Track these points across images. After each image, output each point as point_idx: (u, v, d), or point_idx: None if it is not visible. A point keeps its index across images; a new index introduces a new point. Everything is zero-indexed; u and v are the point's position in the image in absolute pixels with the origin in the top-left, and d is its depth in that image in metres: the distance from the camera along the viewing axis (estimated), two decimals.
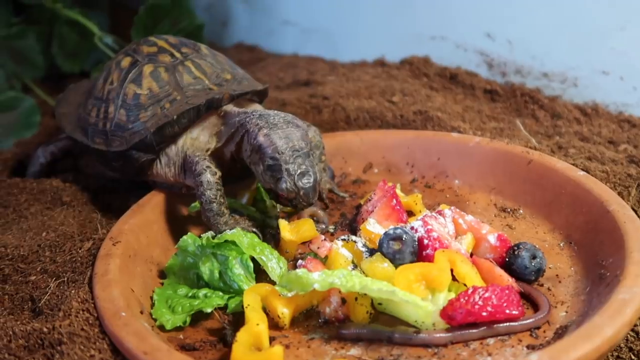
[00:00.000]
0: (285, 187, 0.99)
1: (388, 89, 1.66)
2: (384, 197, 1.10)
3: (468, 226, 1.02)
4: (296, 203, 1.01)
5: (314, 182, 1.00)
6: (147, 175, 1.18)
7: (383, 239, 0.96)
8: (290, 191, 0.99)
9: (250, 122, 1.06)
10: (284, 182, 0.99)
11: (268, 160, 1.00)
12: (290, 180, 0.99)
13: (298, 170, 0.99)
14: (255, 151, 1.03)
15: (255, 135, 1.03)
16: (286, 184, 0.99)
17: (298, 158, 1.00)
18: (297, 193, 0.99)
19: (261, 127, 1.03)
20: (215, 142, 1.14)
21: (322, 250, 1.01)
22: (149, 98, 1.13)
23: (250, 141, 1.04)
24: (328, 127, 1.51)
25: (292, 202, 1.01)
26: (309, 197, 1.00)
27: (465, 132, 1.41)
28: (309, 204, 1.01)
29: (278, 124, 1.04)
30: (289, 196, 1.00)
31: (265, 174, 1.01)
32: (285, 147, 1.00)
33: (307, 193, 1.00)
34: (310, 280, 0.86)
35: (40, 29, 1.84)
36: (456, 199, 1.22)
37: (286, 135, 1.02)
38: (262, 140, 1.02)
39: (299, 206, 1.02)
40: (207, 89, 1.14)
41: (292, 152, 1.00)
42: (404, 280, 0.88)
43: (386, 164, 1.33)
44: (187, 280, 1.02)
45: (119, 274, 0.96)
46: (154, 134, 1.10)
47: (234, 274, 0.98)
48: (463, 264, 0.91)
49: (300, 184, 0.99)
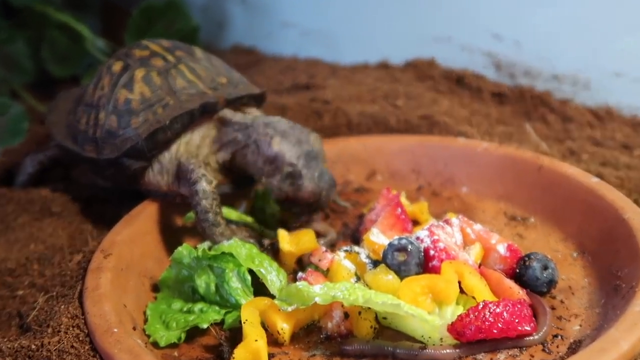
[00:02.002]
0: (309, 191, 1.04)
1: (392, 92, 1.66)
2: (388, 205, 1.10)
3: (476, 236, 1.02)
4: (317, 205, 1.06)
5: (331, 180, 1.06)
6: (139, 183, 1.18)
7: (387, 249, 0.96)
8: (315, 193, 1.04)
9: (257, 132, 1.08)
10: (306, 186, 1.03)
11: (287, 168, 1.04)
12: (312, 183, 1.04)
13: (316, 172, 1.05)
14: (270, 162, 1.06)
15: (269, 145, 1.06)
16: (310, 188, 1.03)
17: (312, 161, 1.06)
18: (319, 194, 1.05)
19: (272, 136, 1.07)
20: (210, 149, 1.14)
21: (324, 262, 1.01)
22: (140, 103, 1.13)
23: (262, 152, 1.07)
24: (329, 133, 1.51)
25: (311, 206, 1.05)
26: (330, 197, 1.05)
27: (472, 137, 1.41)
28: (328, 202, 1.06)
29: (286, 130, 1.08)
30: (311, 199, 1.04)
31: (284, 183, 1.05)
32: (300, 152, 1.05)
33: (329, 192, 1.05)
34: (311, 294, 0.86)
35: (30, 33, 1.85)
36: (464, 207, 1.22)
37: (297, 139, 1.06)
38: (277, 150, 1.06)
39: (320, 206, 1.06)
40: (202, 93, 1.14)
41: (307, 156, 1.05)
42: (409, 293, 0.88)
43: (390, 171, 1.33)
44: (182, 294, 1.02)
45: (111, 288, 0.96)
46: (146, 140, 1.10)
47: (231, 287, 0.97)
48: (471, 275, 0.91)
49: (322, 184, 1.04)
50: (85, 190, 1.33)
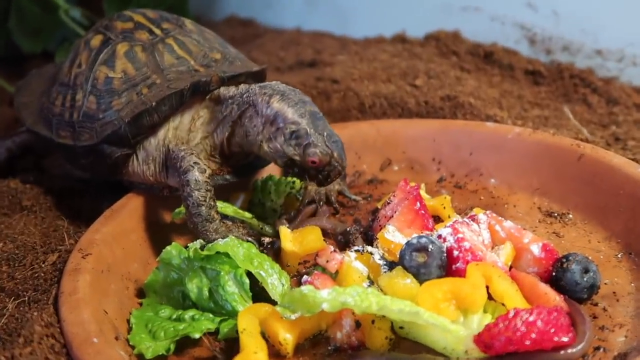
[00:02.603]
0: (318, 151, 1.02)
1: (410, 70, 1.65)
2: (405, 199, 1.10)
3: (507, 234, 1.01)
4: (330, 170, 1.04)
5: (341, 142, 1.05)
6: (122, 174, 1.18)
7: (405, 250, 0.95)
8: (324, 154, 1.03)
9: (253, 94, 1.09)
10: (314, 145, 1.02)
11: (290, 126, 1.04)
12: (321, 142, 1.03)
13: (324, 131, 1.04)
14: (271, 122, 1.06)
15: (267, 104, 1.06)
16: (318, 147, 1.02)
17: (318, 121, 1.05)
18: (331, 155, 1.03)
19: (271, 95, 1.07)
20: (204, 133, 1.14)
21: (332, 263, 1.01)
22: (123, 82, 1.13)
23: (261, 113, 1.07)
24: (338, 117, 1.51)
25: (322, 172, 1.04)
26: (343, 159, 1.04)
27: (502, 121, 1.40)
28: (343, 169, 1.05)
29: (285, 90, 1.08)
30: (321, 162, 1.03)
31: (289, 144, 1.04)
32: (303, 110, 1.05)
33: (341, 154, 1.04)
34: (318, 300, 0.85)
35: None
36: (492, 201, 1.22)
37: (299, 99, 1.07)
38: (277, 107, 1.06)
39: (332, 174, 1.05)
40: (193, 70, 1.15)
41: (312, 115, 1.05)
42: (430, 299, 0.88)
43: (408, 160, 1.32)
44: (171, 299, 1.02)
45: (90, 292, 0.96)
46: (130, 124, 1.11)
47: (226, 292, 0.98)
48: (501, 279, 0.91)
49: (332, 144, 1.03)
50: (60, 182, 1.34)
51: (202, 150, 1.15)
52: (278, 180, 1.23)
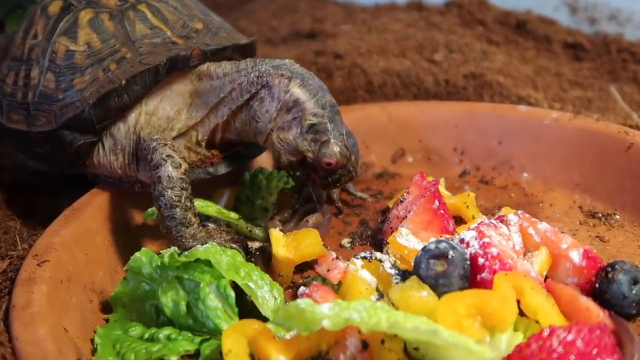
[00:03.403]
0: (338, 152, 1.04)
1: (428, 42, 1.65)
2: (421, 197, 1.10)
3: (542, 238, 1.01)
4: (342, 174, 1.07)
5: (357, 143, 1.09)
6: (85, 165, 1.18)
7: (421, 256, 0.95)
8: (343, 156, 1.05)
9: (268, 75, 1.09)
10: (334, 144, 1.04)
11: (309, 118, 1.05)
12: (340, 141, 1.05)
13: (343, 129, 1.07)
14: (288, 109, 1.07)
15: (286, 88, 1.07)
16: (337, 147, 1.04)
17: (337, 115, 1.08)
18: (348, 158, 1.06)
19: (290, 77, 1.08)
20: (190, 119, 1.15)
21: (334, 273, 1.01)
22: (87, 57, 1.13)
23: (277, 97, 1.08)
24: (342, 98, 1.51)
25: (333, 175, 1.07)
26: (358, 163, 1.08)
27: (537, 104, 1.40)
28: (356, 174, 1.08)
29: (304, 74, 1.10)
30: (337, 164, 1.05)
31: (304, 138, 1.06)
32: (325, 101, 1.07)
33: (358, 158, 1.08)
34: (318, 316, 0.85)
35: None
36: (525, 199, 1.22)
37: (319, 86, 1.09)
38: (298, 94, 1.07)
39: (344, 179, 1.08)
40: (169, 43, 1.14)
41: (332, 108, 1.08)
42: (450, 315, 0.88)
43: (425, 150, 1.32)
44: (142, 315, 1.02)
45: (47, 306, 0.96)
46: (95, 106, 1.11)
47: (207, 307, 0.97)
48: (534, 292, 0.91)
49: (350, 145, 1.06)
50: (10, 175, 1.34)
51: (184, 139, 1.15)
52: (270, 174, 1.23)
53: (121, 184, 1.18)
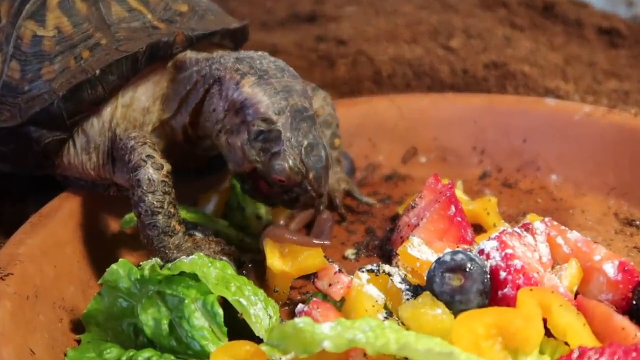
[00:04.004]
0: (287, 167, 1.01)
1: (443, 27, 1.66)
2: (435, 202, 1.10)
3: (572, 249, 1.01)
4: (299, 193, 1.04)
5: (325, 160, 1.03)
6: (54, 166, 1.18)
7: (435, 269, 0.95)
8: (296, 172, 1.02)
9: (224, 67, 1.08)
10: (285, 157, 1.01)
11: (258, 123, 1.03)
12: (294, 155, 1.01)
13: (305, 140, 1.02)
14: (236, 111, 1.05)
15: (237, 85, 1.05)
16: (289, 162, 1.01)
17: (303, 122, 1.03)
18: (304, 176, 1.02)
19: (244, 74, 1.06)
20: (163, 112, 1.15)
21: (337, 288, 1.00)
22: (57, 43, 1.13)
23: (225, 95, 1.06)
24: (346, 90, 1.51)
25: (290, 193, 1.04)
26: (320, 184, 1.03)
27: (567, 97, 1.40)
28: (318, 196, 1.04)
29: (269, 70, 1.06)
30: (289, 182, 1.02)
31: (252, 146, 1.04)
32: (284, 104, 1.03)
33: (320, 176, 1.02)
34: (318, 336, 0.85)
35: None
36: (553, 205, 1.22)
37: (284, 87, 1.05)
38: (248, 93, 1.04)
39: (303, 199, 1.04)
40: (150, 27, 1.15)
41: (295, 113, 1.03)
42: (468, 336, 0.87)
43: (440, 148, 1.33)
44: (119, 335, 1.02)
45: (11, 325, 0.96)
46: (65, 99, 1.11)
47: (193, 326, 0.97)
48: (563, 310, 0.90)
49: (309, 161, 1.01)
50: None
51: (161, 136, 1.15)
52: None
53: (95, 187, 1.18)
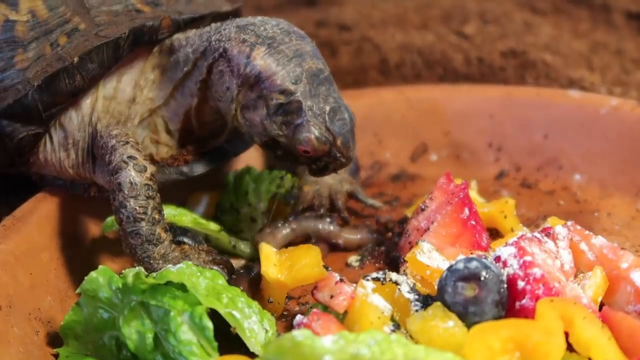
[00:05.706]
0: (313, 137, 1.02)
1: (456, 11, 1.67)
2: (447, 204, 1.09)
3: (597, 256, 1.01)
4: (329, 161, 1.05)
5: (350, 121, 1.05)
6: (29, 164, 1.18)
7: (446, 278, 0.94)
8: (323, 142, 1.03)
9: (227, 38, 1.08)
10: (310, 128, 1.03)
11: (276, 97, 1.04)
12: (319, 124, 1.03)
13: (326, 106, 1.04)
14: (250, 86, 1.06)
15: (248, 58, 1.06)
16: (315, 132, 1.02)
17: (321, 86, 1.05)
18: (332, 144, 1.03)
19: (253, 44, 1.07)
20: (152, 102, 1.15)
21: (339, 299, 0.99)
22: (31, 28, 1.12)
23: (237, 71, 1.07)
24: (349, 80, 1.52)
25: (318, 162, 1.05)
26: (349, 148, 1.04)
27: (593, 88, 1.40)
28: (348, 160, 1.05)
29: (275, 36, 1.07)
30: (316, 152, 1.03)
31: (273, 121, 1.05)
32: (299, 71, 1.05)
33: (347, 141, 1.04)
34: (318, 350, 0.84)
35: None
36: (577, 207, 1.22)
37: (294, 51, 1.06)
38: (261, 65, 1.05)
39: (332, 167, 1.06)
40: (133, 11, 1.14)
41: (311, 78, 1.05)
42: (483, 350, 0.87)
43: (453, 145, 1.33)
44: (100, 349, 1.01)
45: None
46: (40, 90, 1.10)
47: (180, 341, 0.95)
48: (586, 322, 0.90)
49: (335, 127, 1.03)
50: None
51: (148, 129, 1.15)
52: (259, 176, 1.23)
53: (74, 187, 1.18)
